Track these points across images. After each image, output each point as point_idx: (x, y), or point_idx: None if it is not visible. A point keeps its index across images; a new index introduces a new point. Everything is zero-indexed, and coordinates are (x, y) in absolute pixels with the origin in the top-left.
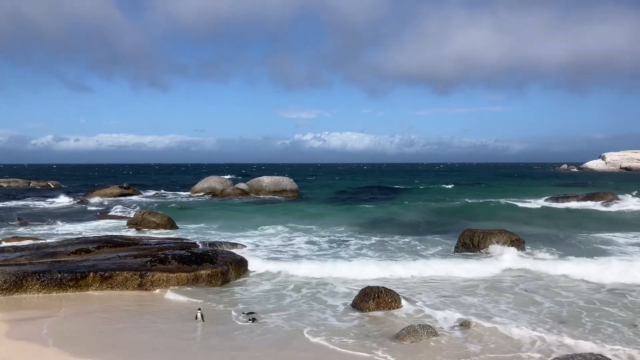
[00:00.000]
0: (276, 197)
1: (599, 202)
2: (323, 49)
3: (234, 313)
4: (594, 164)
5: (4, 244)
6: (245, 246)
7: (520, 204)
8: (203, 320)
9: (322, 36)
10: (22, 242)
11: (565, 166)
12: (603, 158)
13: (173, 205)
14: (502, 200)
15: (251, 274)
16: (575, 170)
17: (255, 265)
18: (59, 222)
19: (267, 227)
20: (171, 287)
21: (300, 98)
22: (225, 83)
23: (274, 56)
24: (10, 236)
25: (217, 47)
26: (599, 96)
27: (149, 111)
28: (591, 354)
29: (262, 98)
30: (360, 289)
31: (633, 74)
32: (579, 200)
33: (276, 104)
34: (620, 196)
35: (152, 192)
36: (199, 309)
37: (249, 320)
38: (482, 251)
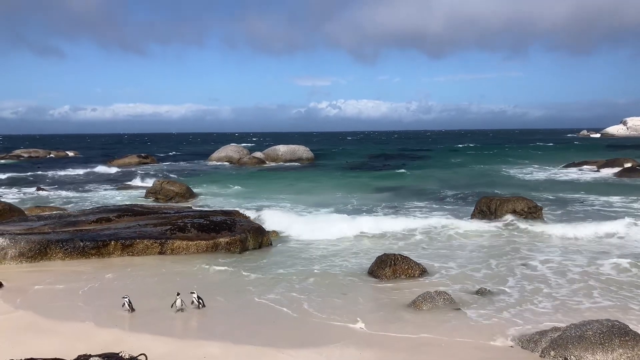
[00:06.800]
0: (292, 164)
1: (619, 169)
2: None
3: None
4: (615, 130)
5: (28, 213)
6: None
7: (537, 171)
8: (183, 308)
9: None
10: (45, 211)
11: (584, 132)
12: (624, 123)
13: (191, 173)
14: (519, 167)
15: (270, 242)
16: (595, 136)
17: (272, 234)
18: (79, 191)
19: (283, 195)
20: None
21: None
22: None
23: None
24: (33, 205)
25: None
26: (619, 58)
27: (163, 80)
28: (608, 319)
29: (276, 65)
30: (377, 256)
31: None
32: (598, 166)
33: (291, 70)
34: None
35: (169, 161)
36: (179, 294)
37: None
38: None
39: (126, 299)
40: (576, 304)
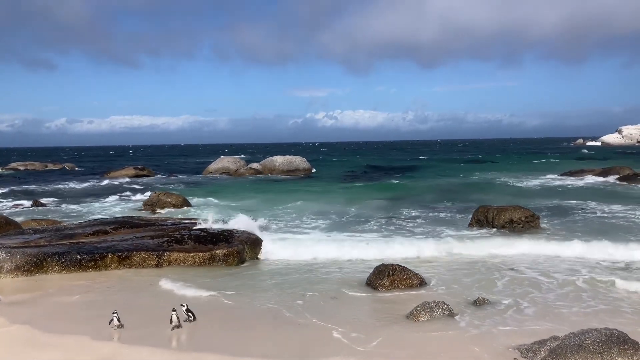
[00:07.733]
0: (289, 176)
1: (615, 177)
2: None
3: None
4: (611, 138)
5: (24, 226)
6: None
7: (534, 180)
8: (179, 324)
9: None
10: (41, 224)
11: (580, 140)
12: (620, 132)
13: (187, 185)
14: (516, 176)
15: (266, 255)
16: (590, 144)
17: (269, 245)
18: (75, 204)
19: (281, 206)
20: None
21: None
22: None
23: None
24: (30, 218)
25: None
26: (613, 66)
27: (160, 92)
28: (606, 328)
29: (273, 76)
30: (375, 266)
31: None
32: (594, 174)
33: (288, 82)
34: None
35: (166, 173)
36: (175, 310)
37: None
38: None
39: (115, 315)
40: (574, 314)
